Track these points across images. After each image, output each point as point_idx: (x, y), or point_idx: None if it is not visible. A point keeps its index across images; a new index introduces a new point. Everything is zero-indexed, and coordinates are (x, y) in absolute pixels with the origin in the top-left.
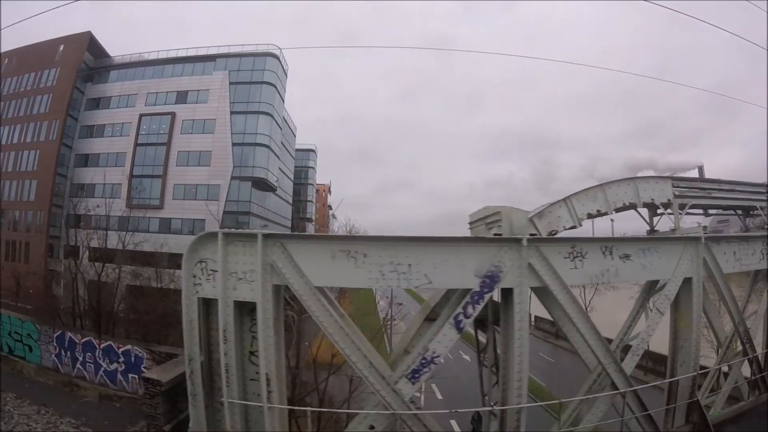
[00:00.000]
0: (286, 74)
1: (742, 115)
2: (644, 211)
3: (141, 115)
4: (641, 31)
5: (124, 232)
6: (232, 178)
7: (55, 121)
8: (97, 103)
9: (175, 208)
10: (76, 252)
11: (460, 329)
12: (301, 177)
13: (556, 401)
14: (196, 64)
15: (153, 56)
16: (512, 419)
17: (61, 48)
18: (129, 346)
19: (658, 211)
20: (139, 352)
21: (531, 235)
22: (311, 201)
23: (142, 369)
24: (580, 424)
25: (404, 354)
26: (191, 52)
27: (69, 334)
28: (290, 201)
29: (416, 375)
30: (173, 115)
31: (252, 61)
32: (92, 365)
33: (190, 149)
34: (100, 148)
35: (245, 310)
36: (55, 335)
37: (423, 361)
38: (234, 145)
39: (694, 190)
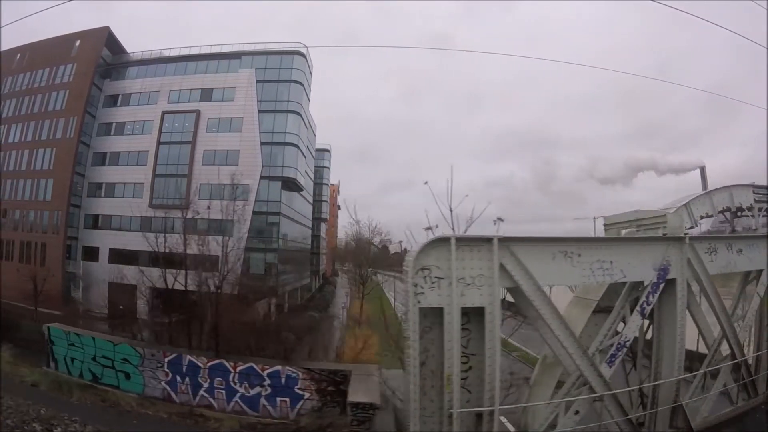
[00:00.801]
0: (311, 73)
1: (742, 116)
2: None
3: (164, 113)
4: (642, 31)
5: (181, 234)
6: (261, 177)
7: (72, 118)
8: (114, 100)
9: (201, 208)
10: (95, 253)
11: (644, 315)
12: (317, 177)
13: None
14: (221, 61)
15: (171, 53)
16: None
17: (78, 43)
18: (278, 367)
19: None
20: (292, 372)
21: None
22: (326, 201)
23: (297, 390)
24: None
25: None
26: (214, 50)
27: (188, 357)
28: (311, 201)
29: (612, 359)
30: (198, 113)
31: (279, 59)
32: (223, 391)
33: (217, 148)
34: (120, 146)
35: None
36: (166, 359)
37: (618, 346)
38: (262, 144)
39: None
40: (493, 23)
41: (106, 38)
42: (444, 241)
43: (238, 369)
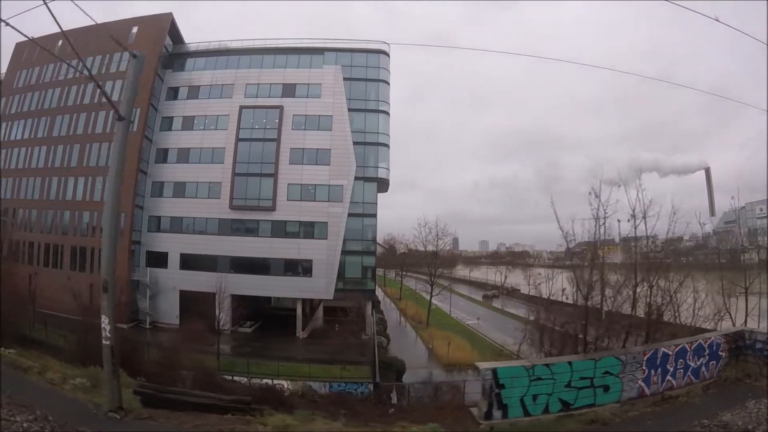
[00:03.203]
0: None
1: (742, 117)
2: None
3: (241, 108)
4: (644, 32)
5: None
6: (356, 178)
7: (135, 110)
8: (175, 93)
9: (290, 209)
10: (162, 259)
11: None
12: None
13: None
14: (301, 56)
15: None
16: None
17: (134, 30)
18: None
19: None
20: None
21: None
22: None
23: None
24: None
25: None
26: (293, 44)
27: (662, 348)
28: None
29: None
30: (281, 108)
31: (365, 57)
32: (682, 370)
33: (305, 146)
34: (190, 142)
35: None
36: (645, 357)
37: None
38: (354, 144)
39: None
40: (498, 24)
41: (170, 26)
42: None
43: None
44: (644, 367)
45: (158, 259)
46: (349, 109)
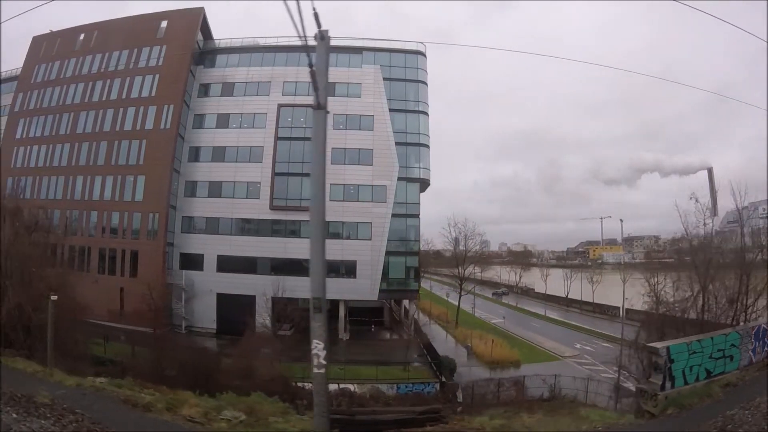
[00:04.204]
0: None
1: (743, 117)
2: None
3: (280, 106)
4: (645, 32)
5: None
6: (399, 179)
7: (167, 107)
8: (207, 90)
9: (332, 210)
10: (198, 261)
11: None
12: None
13: None
14: (339, 54)
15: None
16: None
17: (163, 24)
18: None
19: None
20: None
21: None
22: None
23: None
24: None
25: None
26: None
27: (762, 325)
28: None
29: None
30: None
31: (403, 57)
32: None
33: (347, 146)
34: (226, 140)
35: None
36: (753, 332)
37: None
38: (396, 144)
39: None
40: (498, 24)
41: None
42: None
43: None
44: (753, 340)
45: (193, 262)
46: (390, 110)
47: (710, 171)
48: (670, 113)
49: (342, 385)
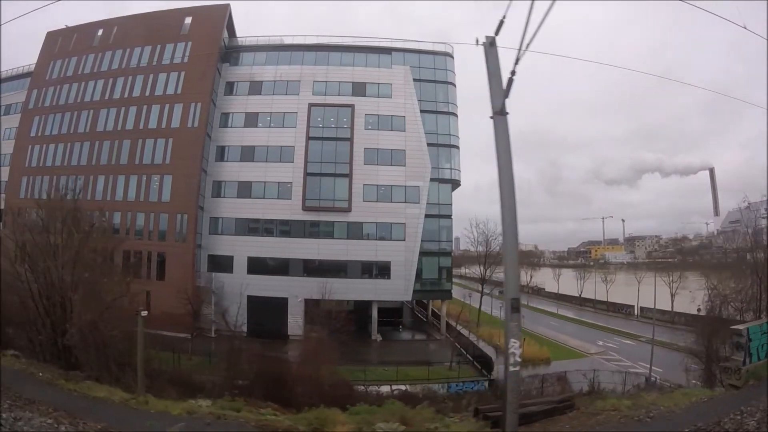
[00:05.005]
0: None
1: (743, 117)
2: None
3: (310, 105)
4: (646, 32)
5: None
6: (431, 180)
7: (195, 105)
8: (232, 88)
9: (366, 210)
10: (227, 263)
11: None
12: None
13: None
14: (369, 54)
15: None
16: None
17: (188, 21)
18: None
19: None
20: None
21: None
22: None
23: None
24: None
25: None
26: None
27: None
28: None
29: None
30: (353, 107)
31: (432, 59)
32: None
33: (379, 147)
34: (255, 140)
35: None
36: None
37: None
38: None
39: None
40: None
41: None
42: None
43: None
44: None
45: (222, 264)
46: (422, 110)
47: (712, 171)
48: (671, 113)
49: (394, 387)
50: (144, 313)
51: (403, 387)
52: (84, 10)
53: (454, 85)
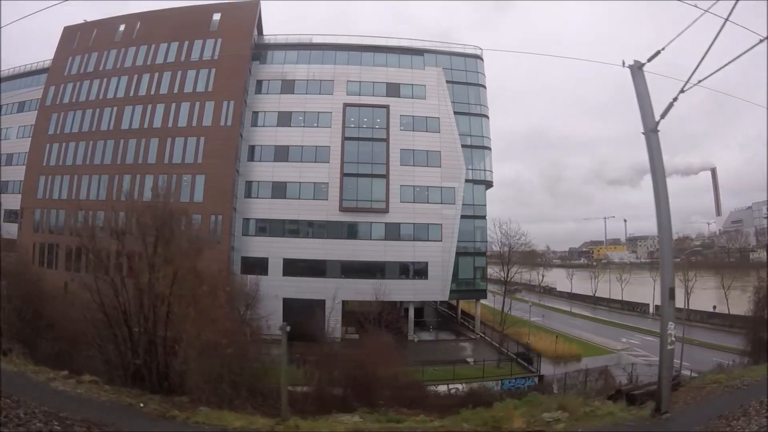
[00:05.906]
0: None
1: (743, 117)
2: None
3: (345, 105)
4: (646, 31)
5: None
6: (466, 181)
7: (227, 103)
8: (261, 86)
9: (403, 211)
10: (261, 265)
11: None
12: None
13: None
14: (402, 55)
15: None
16: None
17: (216, 17)
18: None
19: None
20: None
21: None
22: None
23: None
24: None
25: None
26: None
27: None
28: None
29: None
30: (388, 108)
31: (463, 61)
32: None
33: (415, 148)
34: (289, 139)
35: None
36: None
37: None
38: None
39: None
40: (499, 23)
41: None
42: None
43: None
44: None
45: (255, 266)
46: (455, 112)
47: (714, 171)
48: (671, 113)
49: (451, 386)
50: (287, 328)
51: (459, 386)
52: (95, 5)
53: (484, 87)
